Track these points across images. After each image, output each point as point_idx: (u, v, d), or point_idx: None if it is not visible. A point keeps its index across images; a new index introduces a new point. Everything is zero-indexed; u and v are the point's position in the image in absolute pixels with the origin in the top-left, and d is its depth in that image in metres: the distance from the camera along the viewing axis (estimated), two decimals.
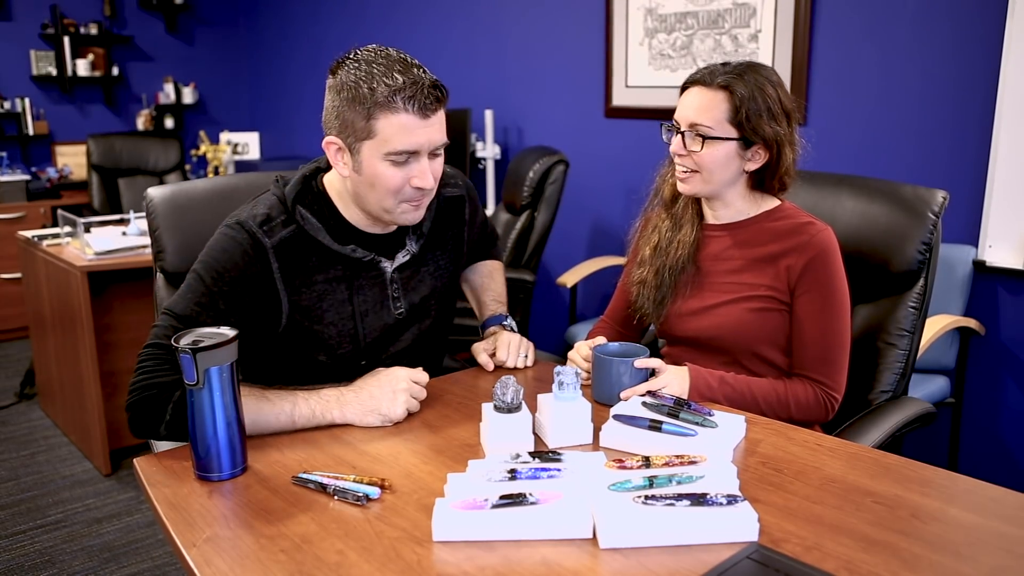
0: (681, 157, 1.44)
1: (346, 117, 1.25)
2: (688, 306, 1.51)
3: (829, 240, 1.43)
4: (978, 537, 0.94)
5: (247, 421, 1.20)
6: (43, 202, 4.85)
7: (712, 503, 0.95)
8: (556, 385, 1.22)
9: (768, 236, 1.46)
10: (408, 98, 1.22)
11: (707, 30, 3.21)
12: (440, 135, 1.28)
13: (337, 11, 5.11)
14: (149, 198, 1.63)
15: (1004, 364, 2.61)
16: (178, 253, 1.61)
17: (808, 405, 1.41)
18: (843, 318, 1.43)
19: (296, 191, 1.36)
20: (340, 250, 1.36)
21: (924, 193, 1.60)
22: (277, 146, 5.81)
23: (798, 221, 1.45)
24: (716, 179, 1.43)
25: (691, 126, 1.42)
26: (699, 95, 1.42)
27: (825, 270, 1.42)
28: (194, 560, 0.92)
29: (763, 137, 1.40)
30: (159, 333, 1.27)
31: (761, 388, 1.41)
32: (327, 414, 1.27)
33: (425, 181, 1.28)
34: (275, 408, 1.25)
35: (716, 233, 1.51)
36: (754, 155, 1.44)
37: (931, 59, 2.62)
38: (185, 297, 1.29)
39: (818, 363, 1.42)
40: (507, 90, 4.11)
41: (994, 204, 2.50)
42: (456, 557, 0.91)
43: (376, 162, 1.26)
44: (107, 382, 2.96)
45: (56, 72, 5.21)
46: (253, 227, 1.31)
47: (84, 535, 2.57)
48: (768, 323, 1.45)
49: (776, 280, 1.44)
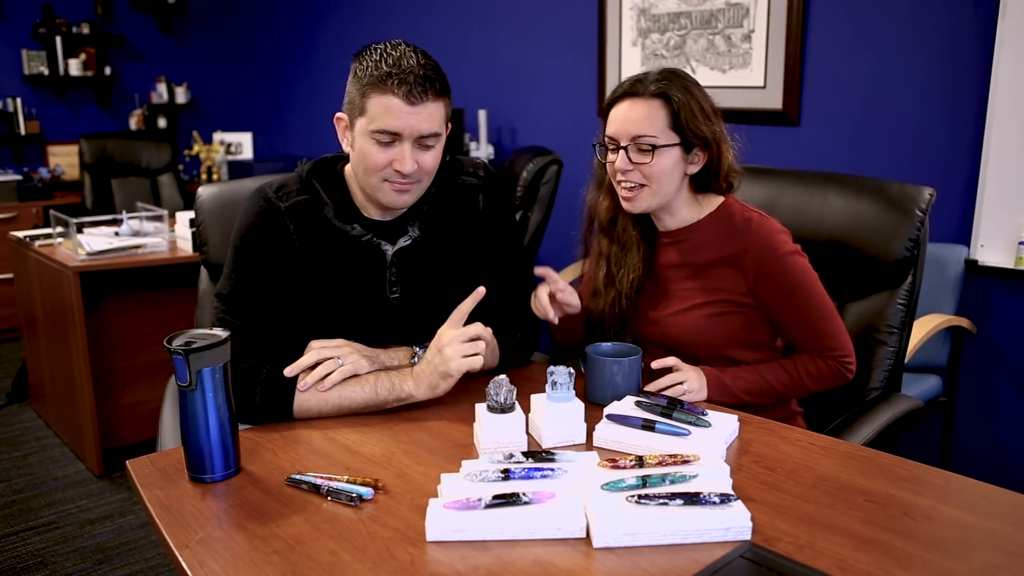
0: (627, 173, 1.42)
1: (351, 94, 1.35)
2: (651, 315, 1.52)
3: (771, 232, 1.43)
4: (970, 535, 0.94)
5: (334, 396, 1.30)
6: (35, 202, 4.83)
7: (705, 502, 0.95)
8: (549, 385, 1.22)
9: (715, 239, 1.46)
10: (398, 82, 1.28)
11: (700, 30, 3.21)
12: (426, 125, 1.32)
13: (330, 12, 5.10)
14: (199, 196, 1.81)
15: (996, 363, 2.62)
16: (220, 246, 1.77)
17: (823, 376, 1.44)
18: (815, 293, 1.44)
19: (312, 166, 1.45)
20: (341, 227, 1.42)
21: (911, 190, 1.61)
22: (270, 146, 5.80)
23: (739, 220, 1.45)
24: (664, 189, 1.43)
25: (634, 139, 1.40)
26: (635, 107, 1.41)
27: (776, 262, 1.42)
28: (187, 561, 0.92)
29: (702, 138, 1.41)
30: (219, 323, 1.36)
31: (773, 372, 1.44)
32: (404, 386, 1.32)
33: (403, 166, 1.32)
34: (359, 380, 1.32)
35: (668, 241, 1.51)
36: (694, 158, 1.44)
37: (924, 59, 2.63)
38: (226, 277, 1.40)
39: (814, 342, 1.45)
40: (501, 90, 4.10)
41: (986, 204, 2.51)
42: (450, 557, 0.91)
43: (364, 138, 1.33)
44: (99, 383, 2.96)
45: (48, 72, 5.18)
46: (269, 193, 1.43)
47: (77, 536, 2.56)
48: (727, 326, 1.46)
49: (732, 283, 1.45)
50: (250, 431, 1.27)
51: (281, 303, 1.40)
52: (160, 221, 3.22)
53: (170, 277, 3.09)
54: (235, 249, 1.41)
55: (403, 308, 1.46)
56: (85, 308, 2.84)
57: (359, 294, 1.44)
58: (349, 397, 1.31)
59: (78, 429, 3.05)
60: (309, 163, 1.46)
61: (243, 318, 1.36)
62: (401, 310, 1.47)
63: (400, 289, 1.46)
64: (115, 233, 3.11)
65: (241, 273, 1.39)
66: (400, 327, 1.47)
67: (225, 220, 1.75)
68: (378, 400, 1.32)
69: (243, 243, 1.40)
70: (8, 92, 5.12)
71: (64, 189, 5.10)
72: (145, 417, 3.09)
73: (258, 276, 1.38)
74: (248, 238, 1.40)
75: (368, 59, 1.31)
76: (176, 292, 3.12)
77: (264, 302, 1.38)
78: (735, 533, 0.93)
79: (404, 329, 1.47)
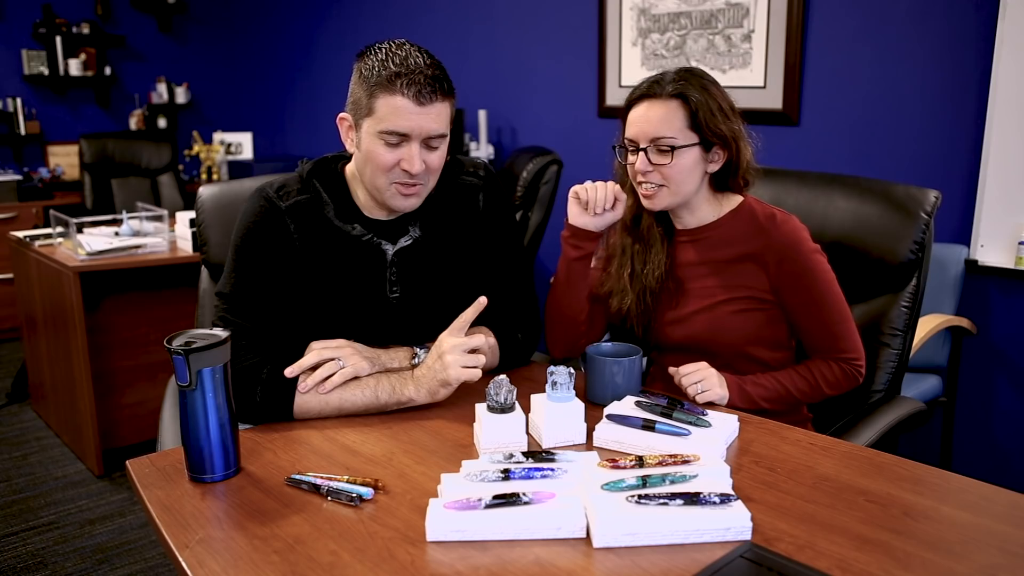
0: (647, 174, 1.43)
1: (356, 94, 1.34)
2: (671, 316, 1.52)
3: (794, 229, 1.45)
4: (971, 535, 0.94)
5: (335, 399, 1.31)
6: (35, 202, 4.83)
7: (705, 502, 0.95)
8: (549, 385, 1.22)
9: (736, 236, 1.47)
10: (407, 83, 1.28)
11: (700, 30, 3.21)
12: (434, 125, 1.33)
13: (330, 12, 5.10)
14: (200, 195, 1.81)
15: (996, 363, 2.62)
16: (220, 246, 1.78)
17: (838, 381, 1.46)
18: (834, 293, 1.45)
19: (313, 166, 1.46)
20: (341, 227, 1.43)
21: (916, 193, 1.61)
22: (270, 146, 5.80)
23: (762, 217, 1.46)
24: (684, 189, 1.44)
25: (653, 141, 1.41)
26: (653, 108, 1.42)
27: (800, 259, 1.43)
28: (187, 561, 0.92)
29: (721, 137, 1.41)
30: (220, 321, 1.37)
31: (790, 379, 1.44)
32: (405, 391, 1.32)
33: (412, 166, 1.32)
34: (360, 383, 1.32)
35: (686, 239, 1.52)
36: (714, 156, 1.44)
37: (924, 59, 2.63)
38: (227, 276, 1.40)
39: (829, 343, 1.46)
40: (501, 90, 4.10)
41: (986, 204, 2.50)
42: (450, 557, 0.91)
43: (371, 139, 1.33)
44: (99, 383, 2.96)
45: (48, 72, 5.18)
46: (269, 192, 1.43)
47: (76, 536, 2.56)
48: (750, 323, 1.46)
49: (754, 280, 1.45)
50: (250, 431, 1.27)
51: (282, 302, 1.40)
52: (160, 221, 3.22)
53: (170, 277, 3.09)
54: (236, 248, 1.41)
55: (403, 308, 1.46)
56: (85, 308, 2.84)
57: (359, 294, 1.44)
58: (350, 400, 1.31)
59: (78, 429, 3.05)
60: (310, 163, 1.46)
61: (244, 317, 1.36)
62: (401, 310, 1.47)
63: (400, 289, 1.46)
64: (115, 233, 3.11)
65: (242, 272, 1.39)
66: (400, 327, 1.47)
67: (226, 220, 1.76)
68: (379, 403, 1.32)
69: (243, 242, 1.40)
70: (8, 92, 5.12)
71: (64, 189, 5.10)
72: (145, 417, 3.10)
73: (259, 275, 1.38)
74: (249, 237, 1.40)
75: (373, 59, 1.31)
76: (176, 292, 3.13)
77: (265, 301, 1.38)
78: (735, 533, 0.93)
79: (404, 329, 1.47)
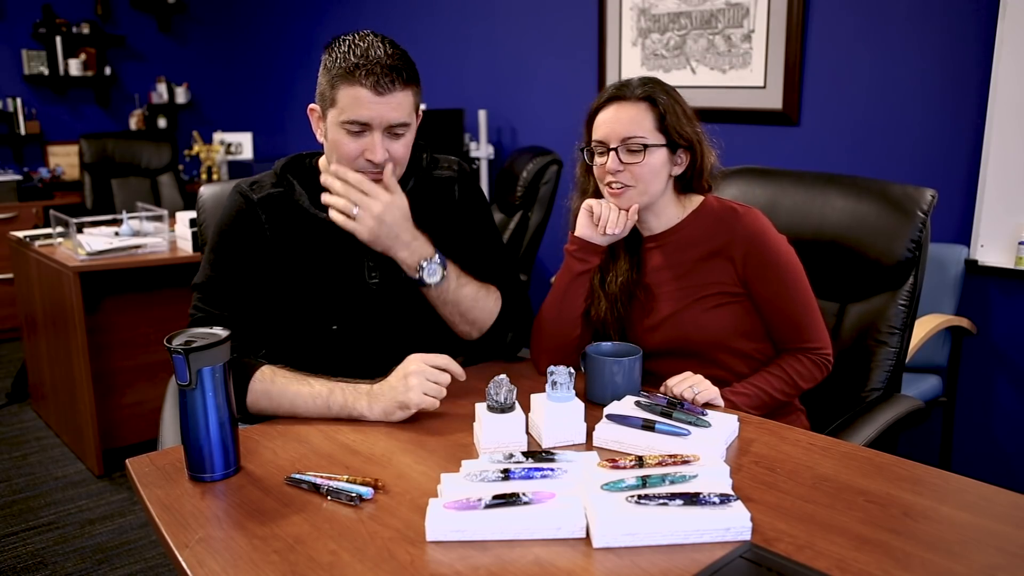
0: (617, 174, 1.45)
1: (321, 86, 1.38)
2: (646, 323, 1.53)
3: (756, 219, 1.48)
4: (970, 535, 0.94)
5: (286, 403, 1.32)
6: (35, 202, 4.83)
7: (705, 502, 0.95)
8: (549, 385, 1.22)
9: (701, 235, 1.50)
10: (365, 73, 1.31)
11: (700, 30, 3.21)
12: (394, 114, 1.35)
13: (330, 12, 5.11)
14: (201, 195, 1.81)
15: (996, 363, 2.62)
16: None
17: (810, 373, 1.48)
18: (800, 283, 1.48)
19: (287, 161, 1.50)
20: (318, 214, 1.45)
21: (913, 192, 1.61)
22: (270, 146, 5.80)
23: (723, 213, 1.49)
24: (651, 189, 1.46)
25: (624, 140, 1.44)
26: (623, 110, 1.45)
27: (765, 251, 1.46)
28: (187, 561, 0.92)
29: (687, 140, 1.45)
30: (194, 313, 1.41)
31: (766, 381, 1.46)
32: (357, 405, 1.31)
33: (374, 155, 1.35)
34: (313, 391, 1.32)
35: (652, 245, 1.54)
36: (679, 159, 1.48)
37: (924, 59, 2.63)
38: (202, 269, 1.44)
39: (797, 334, 1.48)
40: (501, 90, 4.11)
41: (986, 204, 2.51)
42: (449, 557, 0.91)
43: (335, 129, 1.36)
44: (99, 383, 2.95)
45: (48, 72, 5.18)
46: (243, 187, 1.47)
47: (77, 536, 2.56)
48: (726, 317, 1.48)
49: (723, 275, 1.47)
50: (250, 430, 1.27)
51: (255, 291, 1.43)
52: (160, 221, 3.22)
53: (170, 277, 3.09)
54: (210, 246, 1.45)
55: (383, 293, 1.49)
56: (85, 308, 2.84)
57: (338, 280, 1.47)
58: (301, 406, 1.32)
59: (78, 429, 3.05)
60: (284, 159, 1.51)
61: (215, 305, 1.39)
62: (381, 295, 1.49)
63: (380, 275, 1.48)
64: (115, 233, 3.11)
65: (214, 263, 1.43)
66: (382, 313, 1.49)
67: None
68: (329, 414, 1.32)
69: (216, 235, 1.45)
70: (8, 92, 5.12)
71: (64, 189, 5.10)
72: (145, 417, 3.10)
73: (230, 265, 1.42)
74: (221, 230, 1.45)
75: (337, 51, 1.34)
76: (176, 292, 3.12)
77: (236, 290, 1.41)
78: (735, 533, 0.93)
79: (387, 315, 1.49)
